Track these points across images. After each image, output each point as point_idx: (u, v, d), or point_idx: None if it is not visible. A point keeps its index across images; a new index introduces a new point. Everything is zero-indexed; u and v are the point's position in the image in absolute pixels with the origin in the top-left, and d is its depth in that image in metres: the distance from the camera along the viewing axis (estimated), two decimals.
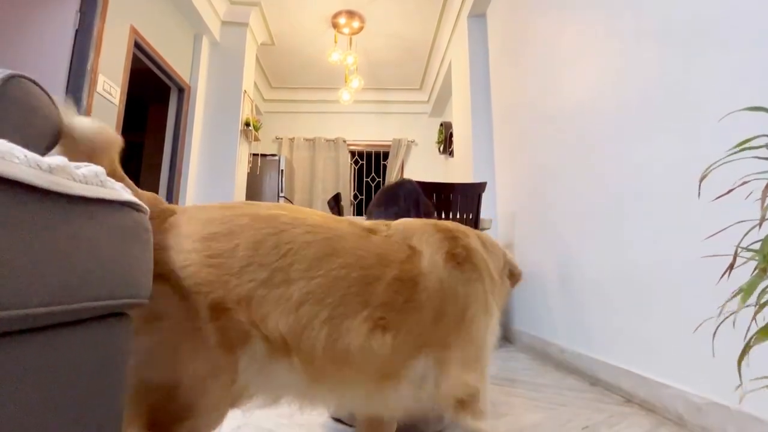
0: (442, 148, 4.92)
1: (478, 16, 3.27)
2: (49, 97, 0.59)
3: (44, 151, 0.62)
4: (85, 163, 0.51)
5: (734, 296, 0.46)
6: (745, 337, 0.52)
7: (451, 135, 4.59)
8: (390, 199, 1.16)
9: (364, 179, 5.50)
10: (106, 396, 0.58)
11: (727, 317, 0.49)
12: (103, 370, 0.58)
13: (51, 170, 0.42)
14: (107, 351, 0.59)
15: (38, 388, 0.49)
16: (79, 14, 2.16)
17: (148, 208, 0.59)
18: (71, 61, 2.11)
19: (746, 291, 0.40)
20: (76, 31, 2.15)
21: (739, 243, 0.49)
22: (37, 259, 0.45)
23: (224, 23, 3.63)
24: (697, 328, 1.00)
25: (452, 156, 4.43)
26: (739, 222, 0.59)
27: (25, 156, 0.39)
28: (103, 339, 0.58)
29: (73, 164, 0.48)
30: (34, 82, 0.59)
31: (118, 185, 0.58)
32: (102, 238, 0.54)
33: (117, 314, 0.62)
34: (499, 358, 2.02)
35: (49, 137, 0.60)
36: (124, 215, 0.58)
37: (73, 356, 0.53)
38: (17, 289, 0.42)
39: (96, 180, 0.49)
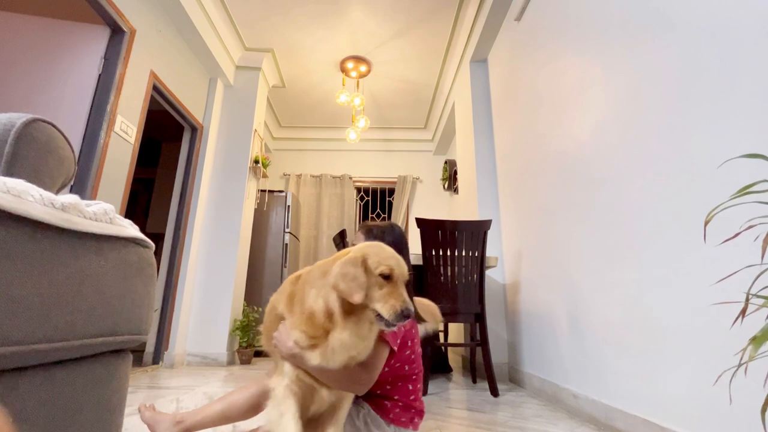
0: (446, 185, 4.97)
1: (480, 61, 3.43)
2: (66, 140, 0.62)
3: (59, 189, 0.64)
4: (96, 201, 0.53)
5: (749, 345, 0.45)
6: (765, 384, 0.50)
7: (455, 172, 4.65)
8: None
9: (370, 215, 5.53)
10: None
11: (745, 364, 0.47)
12: (100, 409, 0.56)
13: (63, 208, 0.43)
14: (105, 390, 0.57)
15: (37, 426, 0.47)
16: (103, 60, 2.30)
17: (152, 244, 0.60)
18: (92, 102, 2.22)
19: (759, 339, 0.38)
20: (99, 75, 2.28)
21: (750, 289, 0.48)
22: (45, 295, 0.45)
23: (238, 68, 3.83)
24: (716, 381, 0.95)
25: (457, 193, 4.47)
26: (747, 266, 0.58)
27: (40, 195, 0.40)
28: (101, 377, 0.57)
29: (84, 202, 0.49)
30: (54, 126, 0.62)
31: (127, 222, 0.60)
32: (108, 274, 0.54)
33: (116, 351, 0.61)
34: (509, 404, 1.93)
35: (63, 177, 0.62)
36: (129, 251, 0.59)
37: (71, 395, 0.51)
38: (22, 325, 0.42)
39: (105, 217, 0.50)
